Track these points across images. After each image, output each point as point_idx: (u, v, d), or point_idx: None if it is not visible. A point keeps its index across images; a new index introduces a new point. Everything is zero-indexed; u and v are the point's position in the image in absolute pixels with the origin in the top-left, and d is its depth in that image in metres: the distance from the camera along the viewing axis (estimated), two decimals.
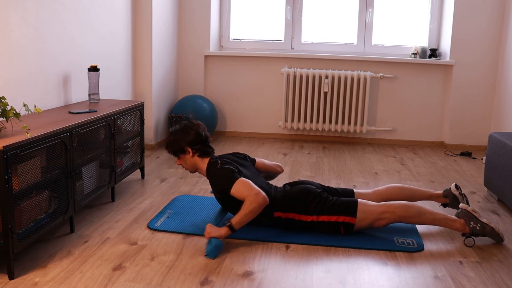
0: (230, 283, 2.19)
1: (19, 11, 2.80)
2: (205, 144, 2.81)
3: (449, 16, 4.93)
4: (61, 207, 2.54)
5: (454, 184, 2.96)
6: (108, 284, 2.15)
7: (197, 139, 2.79)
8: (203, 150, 2.80)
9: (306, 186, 2.78)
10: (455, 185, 2.95)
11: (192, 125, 2.83)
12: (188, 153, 2.79)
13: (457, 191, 2.92)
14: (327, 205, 2.68)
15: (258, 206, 2.50)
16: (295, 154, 4.63)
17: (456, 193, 2.91)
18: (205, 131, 2.85)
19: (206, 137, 2.84)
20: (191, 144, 2.78)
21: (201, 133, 2.81)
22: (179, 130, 2.82)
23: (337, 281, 2.23)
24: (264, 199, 2.52)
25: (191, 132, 2.79)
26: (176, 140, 2.79)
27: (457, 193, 2.92)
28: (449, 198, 2.95)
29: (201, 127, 2.84)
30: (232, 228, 2.48)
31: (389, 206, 2.65)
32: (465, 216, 2.64)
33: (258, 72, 5.27)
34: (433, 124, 5.16)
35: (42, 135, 2.32)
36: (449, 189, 2.96)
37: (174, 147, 2.81)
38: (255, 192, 2.51)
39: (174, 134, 2.82)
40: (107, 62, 3.92)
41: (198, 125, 2.84)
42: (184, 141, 2.78)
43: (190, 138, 2.78)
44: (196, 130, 2.81)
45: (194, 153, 2.79)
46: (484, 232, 2.61)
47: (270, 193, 2.74)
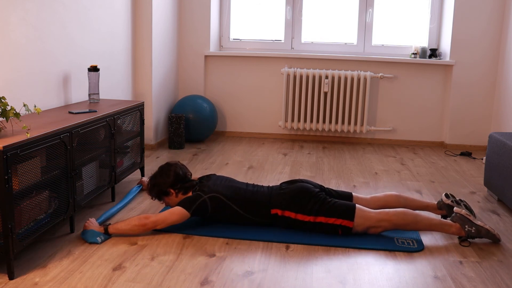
0: (230, 283, 2.19)
1: (19, 11, 2.80)
2: (185, 181, 2.88)
3: (449, 16, 4.93)
4: (61, 207, 2.54)
5: (444, 194, 2.95)
6: (108, 284, 2.15)
7: (176, 179, 2.86)
8: (185, 187, 2.87)
9: (304, 185, 2.79)
10: (445, 195, 2.94)
11: (169, 166, 2.90)
12: (172, 194, 2.87)
13: (449, 200, 2.91)
14: (325, 206, 2.69)
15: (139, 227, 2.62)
16: (295, 154, 4.63)
17: (448, 202, 2.91)
18: (182, 169, 2.91)
19: (185, 174, 2.91)
20: (172, 186, 2.86)
21: (178, 172, 2.88)
22: (157, 175, 2.90)
23: (337, 281, 2.23)
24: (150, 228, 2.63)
25: (170, 174, 2.86)
26: (157, 185, 2.87)
27: (449, 201, 2.91)
28: (444, 209, 2.95)
29: (178, 167, 2.91)
30: (107, 231, 2.62)
31: (386, 214, 2.67)
32: (460, 220, 2.66)
33: (258, 72, 5.27)
34: (433, 124, 5.16)
35: (42, 135, 2.32)
36: (440, 200, 2.96)
37: (156, 192, 2.89)
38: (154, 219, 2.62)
39: (154, 179, 2.90)
40: (107, 62, 3.92)
41: (175, 165, 2.91)
42: (164, 184, 2.86)
43: (170, 180, 2.85)
44: (174, 170, 2.88)
45: (177, 192, 2.87)
46: (480, 234, 2.62)
47: (263, 193, 2.78)
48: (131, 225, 2.61)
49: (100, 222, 2.77)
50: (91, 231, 2.58)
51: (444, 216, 2.97)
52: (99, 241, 2.55)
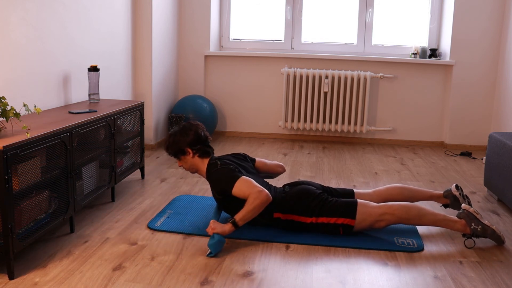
0: (230, 283, 2.19)
1: (19, 11, 2.80)
2: (204, 144, 2.82)
3: (449, 16, 4.93)
4: (61, 207, 2.54)
5: (455, 184, 2.95)
6: (108, 284, 2.15)
7: (196, 140, 2.79)
8: (203, 150, 2.81)
9: (305, 187, 2.77)
10: (455, 186, 2.94)
11: (191, 125, 2.84)
12: (188, 153, 2.80)
13: (458, 192, 2.91)
14: (326, 206, 2.68)
15: (261, 203, 2.51)
16: (295, 154, 4.63)
17: (456, 193, 2.91)
18: (204, 131, 2.85)
19: (206, 137, 2.84)
20: (190, 145, 2.79)
21: (200, 133, 2.81)
22: (178, 132, 2.83)
23: (337, 281, 2.23)
24: (267, 196, 2.53)
25: (190, 133, 2.80)
26: (176, 142, 2.80)
27: (458, 193, 2.91)
28: (449, 199, 2.94)
29: (200, 128, 2.85)
30: (236, 225, 2.50)
31: (389, 207, 2.64)
32: (467, 217, 2.63)
33: (258, 72, 5.27)
34: (433, 124, 5.16)
35: (42, 135, 2.32)
36: (449, 189, 2.95)
37: (174, 148, 2.82)
38: (258, 190, 2.52)
39: (173, 135, 2.83)
40: (107, 62, 3.92)
41: (197, 126, 2.84)
42: (184, 142, 2.79)
43: (189, 139, 2.78)
44: (195, 130, 2.81)
45: (194, 153, 2.80)
46: (485, 233, 2.60)
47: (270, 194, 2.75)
48: (254, 207, 2.49)
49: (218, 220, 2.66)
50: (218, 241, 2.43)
51: (446, 205, 2.96)
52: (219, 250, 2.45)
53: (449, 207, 2.97)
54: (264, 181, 2.87)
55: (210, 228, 2.51)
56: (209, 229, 2.51)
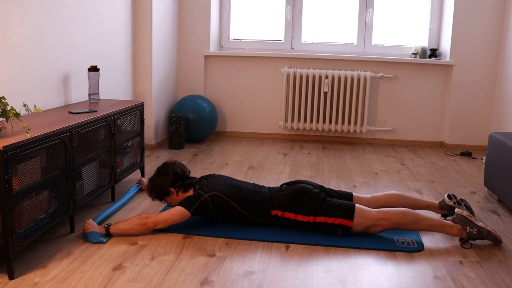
0: (230, 283, 2.19)
1: (19, 11, 2.80)
2: (184, 179, 2.87)
3: (449, 16, 4.93)
4: (61, 207, 2.54)
5: (447, 194, 2.95)
6: (108, 284, 2.15)
7: (175, 178, 2.85)
8: (184, 185, 2.86)
9: (303, 186, 2.79)
10: (448, 196, 2.94)
11: (167, 166, 2.90)
12: (172, 193, 2.86)
13: (451, 201, 2.92)
14: (324, 206, 2.69)
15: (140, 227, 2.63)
16: (295, 154, 4.63)
17: (450, 203, 2.91)
18: (180, 167, 2.91)
19: (183, 171, 2.90)
20: (172, 185, 2.85)
21: (176, 170, 2.87)
22: (156, 176, 2.89)
23: (337, 281, 2.23)
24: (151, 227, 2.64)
25: (168, 173, 2.86)
26: (157, 186, 2.87)
27: (452, 203, 2.91)
28: (446, 210, 2.95)
29: (176, 165, 2.90)
30: (108, 231, 2.61)
31: (386, 213, 2.66)
32: (461, 221, 2.65)
33: (258, 72, 5.27)
34: (433, 124, 5.16)
35: (42, 135, 2.32)
36: (443, 200, 2.96)
37: (157, 192, 2.88)
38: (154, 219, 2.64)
39: (153, 180, 2.89)
40: (107, 62, 3.92)
41: (173, 164, 2.90)
42: (164, 184, 2.85)
43: (169, 179, 2.85)
44: (172, 169, 2.87)
45: (178, 191, 2.86)
46: (481, 235, 2.61)
47: (263, 193, 2.78)
48: (132, 224, 2.61)
49: (98, 222, 2.76)
50: (93, 233, 2.58)
51: (445, 215, 2.97)
52: (105, 241, 2.55)
53: (448, 216, 2.97)
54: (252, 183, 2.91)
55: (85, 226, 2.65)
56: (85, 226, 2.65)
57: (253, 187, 2.85)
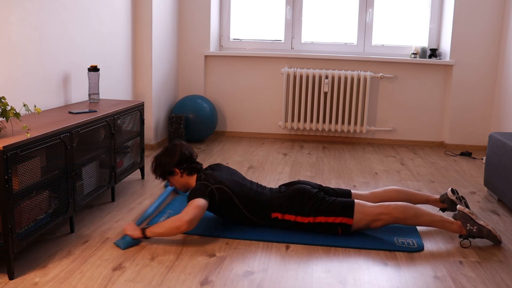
0: (230, 283, 2.19)
1: (19, 11, 2.80)
2: (191, 162, 2.85)
3: (449, 16, 4.93)
4: (61, 207, 2.54)
5: (450, 188, 2.96)
6: (108, 284, 2.15)
7: (182, 159, 2.83)
8: (190, 168, 2.84)
9: (301, 186, 2.78)
10: (451, 190, 2.95)
11: (175, 146, 2.88)
12: (176, 174, 2.84)
13: (454, 196, 2.92)
14: (323, 205, 2.68)
15: (176, 229, 2.49)
16: (295, 154, 4.63)
17: (453, 198, 2.92)
18: (188, 149, 2.88)
19: (191, 154, 2.87)
20: (177, 165, 2.83)
21: (184, 152, 2.85)
22: (163, 154, 2.87)
23: (337, 281, 2.23)
24: (185, 229, 2.49)
25: (175, 153, 2.84)
26: (162, 164, 2.84)
27: (454, 197, 2.92)
28: (446, 203, 2.95)
29: (184, 147, 2.88)
30: (144, 234, 2.53)
31: (386, 207, 2.65)
32: (462, 218, 2.64)
33: (258, 72, 5.27)
34: (433, 124, 5.16)
35: (42, 135, 2.32)
36: (445, 194, 2.96)
37: (161, 170, 2.86)
38: (186, 219, 2.49)
39: (159, 158, 2.87)
40: (107, 62, 3.92)
41: (181, 145, 2.88)
42: (170, 163, 2.83)
43: (175, 159, 2.82)
44: (180, 150, 2.85)
45: (182, 172, 2.84)
46: (481, 234, 2.61)
47: (264, 195, 2.77)
48: (166, 228, 2.50)
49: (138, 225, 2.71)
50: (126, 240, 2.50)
51: (444, 209, 2.97)
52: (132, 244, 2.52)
53: (446, 210, 2.98)
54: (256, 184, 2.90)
55: (124, 228, 2.59)
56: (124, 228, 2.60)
57: (256, 187, 2.82)
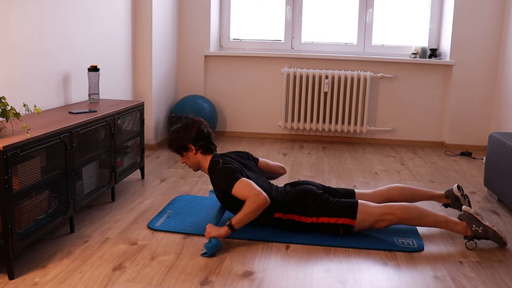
0: (230, 283, 2.19)
1: (19, 11, 2.80)
2: (207, 140, 2.82)
3: (449, 16, 4.93)
4: (61, 207, 2.54)
5: (457, 185, 2.95)
6: (108, 284, 2.15)
7: (199, 136, 2.79)
8: (206, 147, 2.80)
9: (306, 187, 2.77)
10: (457, 186, 2.94)
11: (194, 122, 2.84)
12: (191, 150, 2.79)
13: (459, 192, 2.91)
14: (327, 206, 2.68)
15: (258, 206, 2.50)
16: (295, 154, 4.63)
17: (458, 194, 2.91)
18: (207, 127, 2.85)
19: (208, 133, 2.84)
20: (193, 141, 2.78)
21: (203, 129, 2.81)
22: (181, 128, 2.83)
23: (337, 281, 2.23)
24: (265, 200, 2.51)
25: (193, 129, 2.79)
26: (179, 138, 2.80)
27: (459, 194, 2.91)
28: (450, 199, 2.94)
29: (203, 124, 2.85)
30: (232, 228, 2.49)
31: (390, 207, 2.64)
32: (468, 218, 2.62)
33: (258, 72, 5.27)
34: (433, 124, 5.16)
35: (42, 135, 2.32)
36: (451, 189, 2.95)
37: (176, 144, 2.82)
38: (256, 193, 2.50)
39: (176, 132, 2.83)
40: (107, 62, 3.92)
41: (200, 122, 2.84)
42: (187, 138, 2.78)
43: (192, 135, 2.78)
44: (198, 127, 2.81)
45: (197, 150, 2.79)
46: (487, 235, 2.58)
47: (271, 194, 2.74)
48: (248, 212, 2.47)
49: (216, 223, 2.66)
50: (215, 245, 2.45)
51: (447, 205, 2.96)
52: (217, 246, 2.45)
53: (449, 206, 2.97)
54: (266, 181, 2.87)
55: (206, 233, 2.52)
56: (206, 233, 2.52)
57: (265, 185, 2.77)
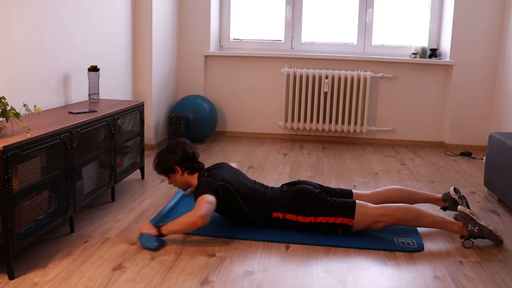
0: (230, 283, 2.19)
1: (19, 11, 2.80)
2: (193, 161, 2.85)
3: (449, 16, 4.93)
4: (61, 207, 2.54)
5: (453, 187, 2.97)
6: (108, 284, 2.15)
7: (184, 158, 2.82)
8: (192, 167, 2.84)
9: (304, 186, 2.78)
10: (454, 189, 2.95)
11: (179, 144, 2.87)
12: (178, 172, 2.83)
13: (456, 195, 2.93)
14: (325, 206, 2.68)
15: (191, 223, 2.49)
16: (295, 154, 4.63)
17: (455, 196, 2.92)
18: (192, 148, 2.88)
19: (193, 154, 2.87)
20: (179, 163, 2.82)
21: (188, 150, 2.85)
22: (166, 150, 2.86)
23: (337, 281, 2.23)
24: (201, 221, 2.49)
25: (178, 151, 2.83)
26: (164, 160, 2.84)
27: (456, 196, 2.92)
28: (448, 202, 2.96)
29: (188, 145, 2.88)
30: (160, 232, 2.54)
31: (387, 208, 2.65)
32: (463, 218, 2.64)
33: (258, 72, 5.27)
34: (433, 124, 5.16)
35: (42, 135, 2.32)
36: (448, 193, 2.97)
37: (162, 167, 2.85)
38: (200, 214, 2.49)
39: (161, 154, 2.86)
40: (107, 62, 3.92)
41: (184, 143, 2.88)
42: (172, 160, 2.82)
43: (177, 157, 2.82)
44: (183, 148, 2.84)
45: (183, 171, 2.83)
46: (482, 234, 2.61)
47: (266, 194, 2.77)
48: (181, 224, 2.50)
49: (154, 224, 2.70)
50: (146, 236, 2.51)
51: (445, 208, 2.97)
52: (154, 247, 2.48)
53: (448, 209, 2.98)
54: (258, 183, 2.89)
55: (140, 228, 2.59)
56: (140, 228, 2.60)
57: (259, 187, 2.82)
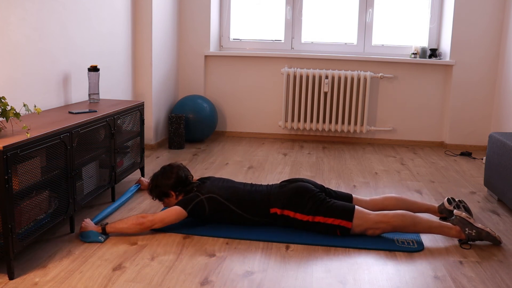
0: (230, 283, 2.19)
1: (19, 11, 2.80)
2: (186, 184, 2.87)
3: (449, 16, 4.93)
4: (61, 207, 2.54)
5: (447, 198, 2.97)
6: (108, 284, 2.15)
7: (178, 182, 2.85)
8: (185, 190, 2.86)
9: (303, 184, 2.79)
10: (447, 200, 2.96)
11: (172, 168, 2.90)
12: (172, 196, 2.86)
13: (451, 206, 2.94)
14: (323, 206, 2.69)
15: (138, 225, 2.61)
16: (295, 154, 4.63)
17: (450, 208, 2.93)
18: (185, 172, 2.90)
19: (186, 177, 2.89)
20: (173, 188, 2.85)
21: (181, 175, 2.87)
22: (159, 175, 2.89)
23: (337, 281, 2.23)
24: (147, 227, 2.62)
25: (171, 176, 2.86)
26: (158, 186, 2.87)
27: (451, 207, 2.93)
28: (445, 213, 2.97)
29: (181, 169, 2.90)
30: (104, 231, 2.60)
31: (385, 216, 2.67)
32: (460, 222, 2.65)
33: (258, 72, 5.27)
34: (433, 124, 5.16)
35: (42, 135, 2.32)
36: (442, 204, 2.97)
37: (157, 192, 2.88)
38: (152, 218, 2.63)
39: (155, 179, 2.89)
40: (107, 62, 3.92)
41: (178, 168, 2.90)
42: (166, 185, 2.85)
43: (171, 182, 2.85)
44: (176, 173, 2.87)
45: (178, 195, 2.86)
46: (480, 237, 2.62)
47: (261, 192, 2.78)
48: (129, 224, 2.61)
49: (95, 222, 2.76)
50: (90, 232, 2.58)
51: (444, 218, 2.98)
52: (102, 240, 2.55)
53: (447, 219, 2.98)
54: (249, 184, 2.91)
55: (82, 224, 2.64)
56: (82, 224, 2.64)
57: (250, 187, 2.85)
